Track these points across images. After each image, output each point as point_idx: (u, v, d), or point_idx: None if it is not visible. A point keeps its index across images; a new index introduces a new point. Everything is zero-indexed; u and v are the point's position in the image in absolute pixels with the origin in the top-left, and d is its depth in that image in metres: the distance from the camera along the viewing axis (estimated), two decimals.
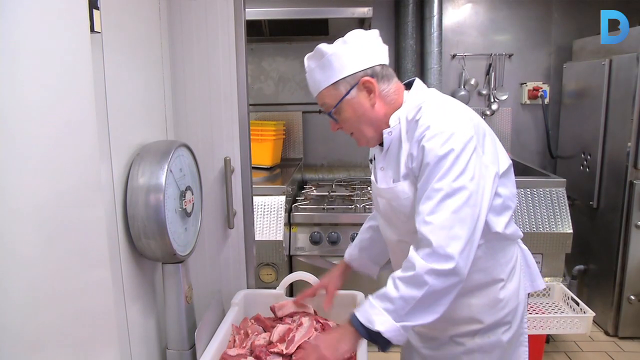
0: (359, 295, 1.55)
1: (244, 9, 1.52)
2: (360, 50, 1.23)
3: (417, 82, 1.31)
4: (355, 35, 1.24)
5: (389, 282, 1.14)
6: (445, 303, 1.12)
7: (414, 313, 1.10)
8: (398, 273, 1.13)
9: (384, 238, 1.41)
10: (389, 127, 1.25)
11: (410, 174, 1.19)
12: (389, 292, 1.12)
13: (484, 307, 1.29)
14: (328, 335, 1.22)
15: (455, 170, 1.10)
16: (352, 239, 1.93)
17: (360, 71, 1.21)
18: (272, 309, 1.52)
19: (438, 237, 1.08)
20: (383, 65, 1.25)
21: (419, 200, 1.14)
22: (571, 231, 2.70)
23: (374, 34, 1.27)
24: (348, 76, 1.21)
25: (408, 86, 1.31)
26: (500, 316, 1.31)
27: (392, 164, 1.26)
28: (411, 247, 1.14)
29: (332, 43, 1.24)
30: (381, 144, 1.30)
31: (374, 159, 1.38)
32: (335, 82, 1.22)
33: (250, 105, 1.61)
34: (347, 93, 1.21)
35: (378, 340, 1.11)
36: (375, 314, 1.11)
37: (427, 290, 1.08)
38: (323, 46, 1.24)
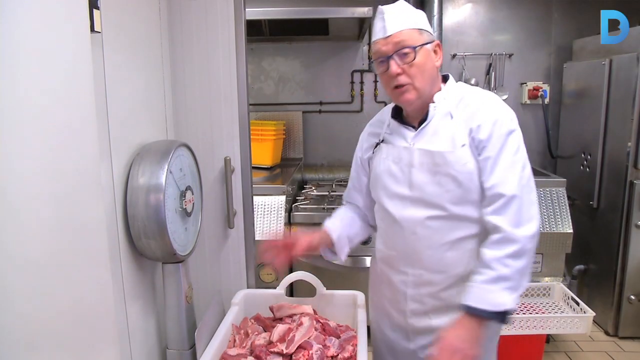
0: (360, 295, 1.55)
1: (244, 9, 1.52)
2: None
3: (451, 76, 1.44)
4: None
5: (495, 264, 1.21)
6: (532, 263, 1.28)
7: (524, 279, 1.24)
8: (497, 253, 1.22)
9: (398, 221, 1.37)
10: (432, 102, 1.35)
11: (472, 144, 1.28)
12: (502, 273, 1.21)
13: None
14: (457, 334, 1.21)
15: (522, 147, 1.30)
16: None
17: (433, 36, 1.36)
18: (271, 310, 1.52)
19: (525, 202, 1.24)
20: None
21: (492, 170, 1.26)
22: (571, 231, 2.70)
23: None
24: (429, 32, 1.34)
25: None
26: None
27: (435, 137, 1.32)
28: (494, 218, 1.24)
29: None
30: (404, 124, 1.39)
31: (383, 141, 1.43)
32: (421, 29, 1.32)
33: (250, 105, 1.61)
34: (427, 43, 1.32)
35: (504, 317, 1.22)
36: (499, 296, 1.20)
37: (529, 256, 1.24)
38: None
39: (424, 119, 1.36)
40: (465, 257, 1.32)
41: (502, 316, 1.21)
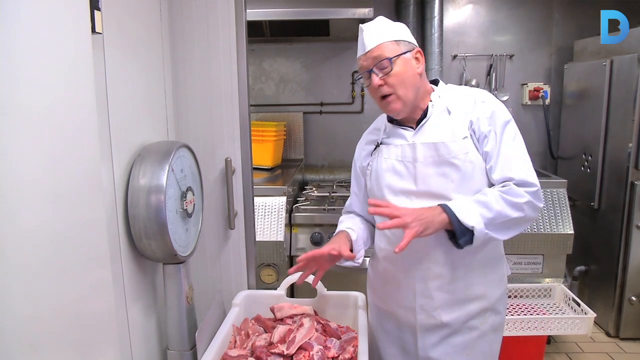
0: (360, 296, 1.55)
1: (245, 10, 1.52)
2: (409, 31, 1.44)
3: (440, 79, 1.50)
4: None
5: (494, 195, 1.29)
6: (518, 230, 1.35)
7: (499, 228, 1.30)
8: (504, 194, 1.29)
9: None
10: (429, 101, 1.42)
11: (471, 135, 1.36)
12: (490, 203, 1.28)
13: (493, 281, 1.44)
14: (424, 210, 1.28)
15: (519, 134, 1.39)
16: None
17: (414, 43, 1.41)
18: (272, 310, 1.52)
19: (535, 181, 1.34)
20: None
21: (501, 156, 1.34)
22: (572, 232, 2.69)
23: None
24: (408, 41, 1.39)
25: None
26: (501, 291, 1.45)
27: (435, 132, 1.38)
28: (508, 183, 1.32)
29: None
30: (401, 125, 1.43)
31: (382, 143, 1.46)
32: (399, 40, 1.37)
33: (251, 105, 1.61)
34: (405, 52, 1.37)
35: (461, 237, 1.27)
36: (473, 214, 1.26)
37: (519, 216, 1.30)
38: None
39: (421, 118, 1.42)
40: (472, 248, 1.34)
41: (462, 232, 1.26)
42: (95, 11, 0.99)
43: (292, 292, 2.40)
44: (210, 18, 1.49)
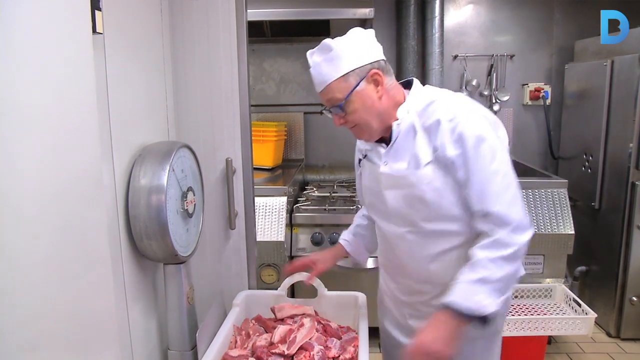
0: (360, 296, 1.55)
1: (246, 10, 1.52)
2: (365, 45, 1.26)
3: (416, 81, 1.34)
4: (358, 31, 1.28)
5: (488, 263, 1.14)
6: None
7: (510, 285, 1.19)
8: (492, 253, 1.15)
9: (384, 233, 1.39)
10: (395, 120, 1.27)
11: (436, 161, 1.21)
12: (492, 275, 1.13)
13: None
14: (432, 332, 1.14)
15: (498, 154, 1.18)
16: None
17: (368, 64, 1.24)
18: (272, 310, 1.52)
19: (515, 213, 1.17)
20: (385, 60, 1.29)
21: (474, 184, 1.18)
22: (573, 232, 2.69)
23: (372, 33, 1.30)
24: (357, 68, 1.23)
25: (405, 85, 1.34)
26: None
27: (403, 154, 1.26)
28: (486, 227, 1.18)
29: (334, 39, 1.26)
30: (380, 141, 1.33)
31: (365, 157, 1.39)
32: (345, 74, 1.22)
33: (252, 106, 1.61)
34: (357, 85, 1.22)
35: (486, 321, 1.14)
36: (483, 298, 1.13)
37: (520, 262, 1.19)
38: (329, 40, 1.25)
39: (390, 136, 1.30)
40: (451, 267, 1.24)
41: (484, 318, 1.14)
42: (96, 11, 0.99)
43: (292, 292, 2.40)
44: (211, 18, 1.49)
